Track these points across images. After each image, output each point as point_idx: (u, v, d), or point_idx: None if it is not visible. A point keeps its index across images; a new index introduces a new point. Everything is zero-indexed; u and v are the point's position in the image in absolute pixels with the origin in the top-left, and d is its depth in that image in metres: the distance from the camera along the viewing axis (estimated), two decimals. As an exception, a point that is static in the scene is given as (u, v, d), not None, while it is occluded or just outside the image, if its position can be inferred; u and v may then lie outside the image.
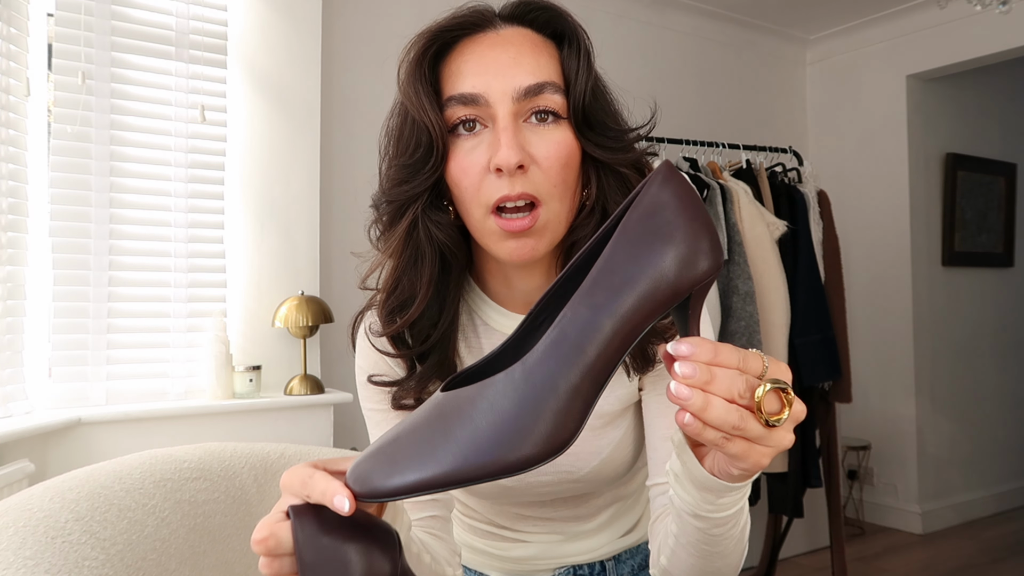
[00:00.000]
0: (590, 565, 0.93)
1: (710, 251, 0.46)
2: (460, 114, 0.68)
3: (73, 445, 1.79)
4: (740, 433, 0.47)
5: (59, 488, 0.99)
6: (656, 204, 0.46)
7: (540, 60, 0.69)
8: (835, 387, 2.74)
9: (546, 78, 0.69)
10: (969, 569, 3.08)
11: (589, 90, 0.70)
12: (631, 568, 0.95)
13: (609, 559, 0.94)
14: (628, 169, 0.72)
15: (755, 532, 3.15)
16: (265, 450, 1.38)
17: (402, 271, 0.72)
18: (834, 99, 3.83)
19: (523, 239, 0.68)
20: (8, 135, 1.76)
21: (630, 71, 3.23)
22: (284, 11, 2.23)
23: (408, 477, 0.44)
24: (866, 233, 3.70)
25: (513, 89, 0.67)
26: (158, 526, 1.08)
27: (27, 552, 0.84)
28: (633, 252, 0.45)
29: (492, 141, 0.67)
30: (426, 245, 0.71)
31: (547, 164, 0.67)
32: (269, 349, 2.16)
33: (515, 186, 0.66)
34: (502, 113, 0.67)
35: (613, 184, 0.71)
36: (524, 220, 0.67)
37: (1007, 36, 3.21)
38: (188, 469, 1.21)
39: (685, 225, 0.45)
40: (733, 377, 0.46)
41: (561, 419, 0.44)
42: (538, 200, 0.68)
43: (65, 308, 1.88)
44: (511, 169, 0.65)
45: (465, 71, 0.69)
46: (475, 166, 0.68)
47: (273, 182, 2.20)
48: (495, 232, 0.68)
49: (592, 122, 0.70)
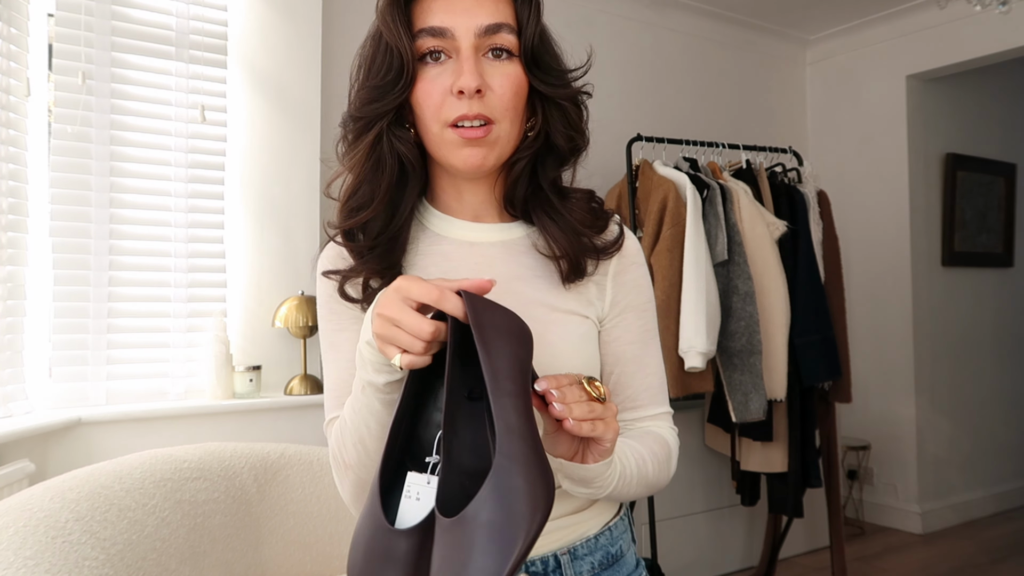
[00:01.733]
0: (543, 560, 0.87)
1: (522, 326, 0.69)
2: (429, 45, 0.81)
3: (73, 445, 1.79)
4: (594, 414, 0.67)
5: (59, 488, 0.99)
6: (481, 323, 0.64)
7: (498, 6, 0.82)
8: (835, 387, 2.74)
9: (503, 20, 0.82)
10: (969, 569, 3.08)
11: (537, 34, 0.84)
12: (590, 566, 0.89)
13: (564, 552, 0.87)
14: (567, 102, 0.86)
15: (755, 532, 3.16)
16: (265, 450, 1.38)
17: (364, 178, 0.84)
18: (834, 99, 3.84)
19: (476, 147, 0.81)
20: (8, 135, 1.76)
21: (630, 71, 3.24)
22: (284, 11, 2.23)
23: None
24: (866, 233, 3.70)
25: (476, 26, 0.80)
26: (158, 526, 1.08)
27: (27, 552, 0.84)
28: (496, 351, 0.64)
29: (455, 69, 0.80)
30: (388, 156, 0.83)
31: (500, 91, 0.81)
32: (269, 349, 2.16)
33: (472, 107, 0.79)
34: (465, 46, 0.80)
35: (555, 114, 0.86)
36: (478, 131, 0.80)
37: (1007, 36, 3.21)
38: (188, 469, 1.21)
39: (503, 320, 0.67)
40: (570, 385, 0.68)
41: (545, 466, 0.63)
42: (491, 119, 0.81)
43: (65, 308, 1.88)
44: (471, 92, 0.79)
45: (435, 9, 0.81)
46: (439, 88, 0.81)
47: (273, 182, 2.20)
48: (452, 141, 0.81)
49: (539, 62, 0.84)
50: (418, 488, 0.66)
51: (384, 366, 0.71)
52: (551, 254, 0.87)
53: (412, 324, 0.65)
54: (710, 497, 3.05)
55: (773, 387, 2.47)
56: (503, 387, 0.63)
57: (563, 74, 0.86)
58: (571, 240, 0.86)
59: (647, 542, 2.74)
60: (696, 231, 2.40)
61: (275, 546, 1.30)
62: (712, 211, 2.48)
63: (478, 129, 0.80)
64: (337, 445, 0.81)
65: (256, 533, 1.28)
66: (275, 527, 1.31)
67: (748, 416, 2.41)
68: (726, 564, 3.08)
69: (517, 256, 0.89)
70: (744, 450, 2.67)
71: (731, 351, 2.43)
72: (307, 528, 1.35)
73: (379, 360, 0.71)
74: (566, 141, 0.87)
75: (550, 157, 0.88)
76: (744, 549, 3.14)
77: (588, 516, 0.90)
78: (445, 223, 0.90)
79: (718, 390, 2.51)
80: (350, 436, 0.78)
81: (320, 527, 1.37)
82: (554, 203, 0.88)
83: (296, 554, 1.33)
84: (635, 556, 0.96)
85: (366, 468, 0.78)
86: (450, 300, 0.66)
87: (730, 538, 3.10)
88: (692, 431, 2.98)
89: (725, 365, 2.45)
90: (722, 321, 2.42)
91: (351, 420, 0.78)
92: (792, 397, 2.56)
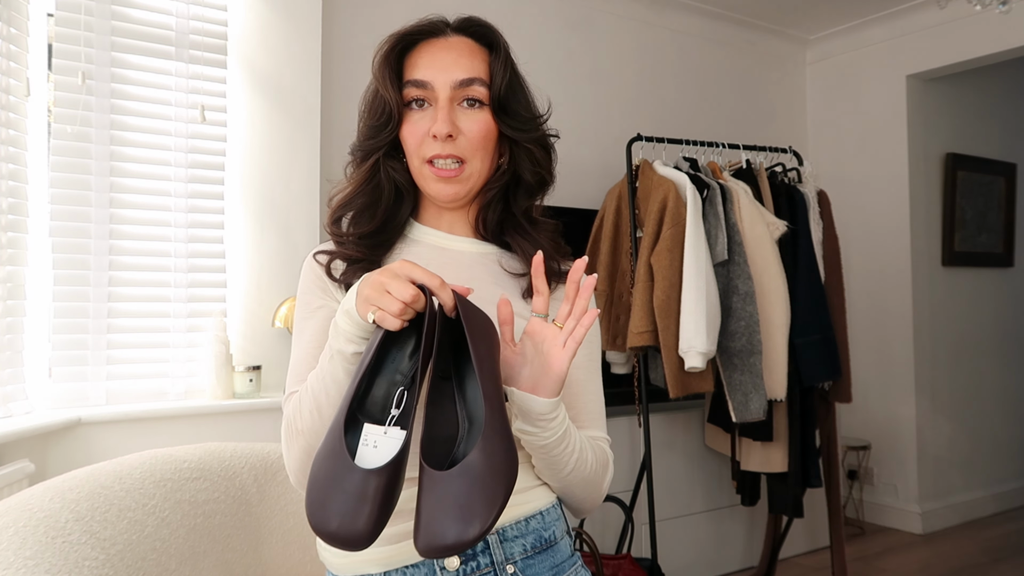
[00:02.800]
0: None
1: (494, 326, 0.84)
2: (414, 94, 0.97)
3: (73, 445, 1.79)
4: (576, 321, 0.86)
5: (59, 488, 0.99)
6: (469, 318, 0.79)
7: (474, 62, 0.97)
8: (835, 387, 2.74)
9: (476, 75, 0.97)
10: (969, 569, 3.08)
11: (506, 86, 0.98)
12: (522, 548, 0.91)
13: (492, 532, 0.90)
14: (532, 145, 1.01)
15: (755, 532, 3.16)
16: (265, 450, 1.38)
17: (363, 191, 1.01)
18: (834, 99, 3.84)
19: (449, 184, 0.97)
20: (8, 135, 1.76)
21: (630, 71, 3.24)
22: (284, 11, 2.23)
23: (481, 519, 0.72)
24: (866, 233, 3.70)
25: (451, 80, 0.96)
26: (158, 526, 1.08)
27: (27, 552, 0.84)
28: (481, 342, 0.79)
29: (433, 116, 0.96)
30: (385, 181, 1.01)
31: (471, 135, 0.96)
32: (269, 349, 2.16)
33: (445, 148, 0.95)
34: (442, 97, 0.96)
35: (522, 154, 1.01)
36: (451, 171, 0.96)
37: (1007, 36, 3.21)
38: (188, 469, 1.21)
39: (484, 319, 0.82)
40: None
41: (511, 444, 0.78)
42: (463, 159, 0.97)
43: (65, 308, 1.88)
44: (443, 136, 0.94)
45: (421, 64, 0.97)
46: (420, 131, 0.97)
47: (273, 182, 2.20)
48: (429, 176, 0.97)
49: (507, 109, 0.98)
50: (375, 437, 0.76)
51: (356, 336, 0.82)
52: (516, 272, 1.02)
53: (398, 288, 0.76)
54: (710, 497, 3.05)
55: (773, 387, 2.47)
56: (487, 372, 0.78)
57: (530, 120, 1.01)
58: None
59: (647, 542, 2.74)
60: (696, 231, 2.40)
61: (275, 546, 1.30)
62: (712, 211, 2.48)
63: (451, 170, 0.96)
64: (294, 414, 0.89)
65: (256, 533, 1.28)
66: (275, 527, 1.31)
67: (748, 416, 2.41)
68: (726, 564, 3.08)
69: (484, 264, 1.03)
70: (744, 450, 2.67)
71: (731, 351, 2.43)
72: (307, 528, 1.35)
73: (353, 331, 0.82)
74: (532, 176, 1.02)
75: (520, 189, 1.02)
76: (744, 549, 3.14)
77: (520, 500, 0.93)
78: (423, 232, 1.05)
79: (718, 390, 2.51)
80: (308, 404, 0.87)
81: (320, 527, 1.36)
82: (525, 227, 1.03)
83: (296, 554, 1.33)
84: (570, 547, 0.99)
85: (316, 435, 0.86)
86: (447, 291, 0.79)
87: (730, 538, 3.10)
88: (692, 431, 2.98)
89: (725, 365, 2.45)
90: (722, 321, 2.42)
91: (313, 387, 0.87)
92: (792, 397, 2.56)
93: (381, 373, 0.81)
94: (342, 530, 0.71)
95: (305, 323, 0.99)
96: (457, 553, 0.72)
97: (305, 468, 0.88)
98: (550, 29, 3.01)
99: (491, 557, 0.90)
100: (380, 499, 0.72)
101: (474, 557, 0.89)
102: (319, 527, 0.72)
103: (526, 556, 0.91)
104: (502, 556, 0.90)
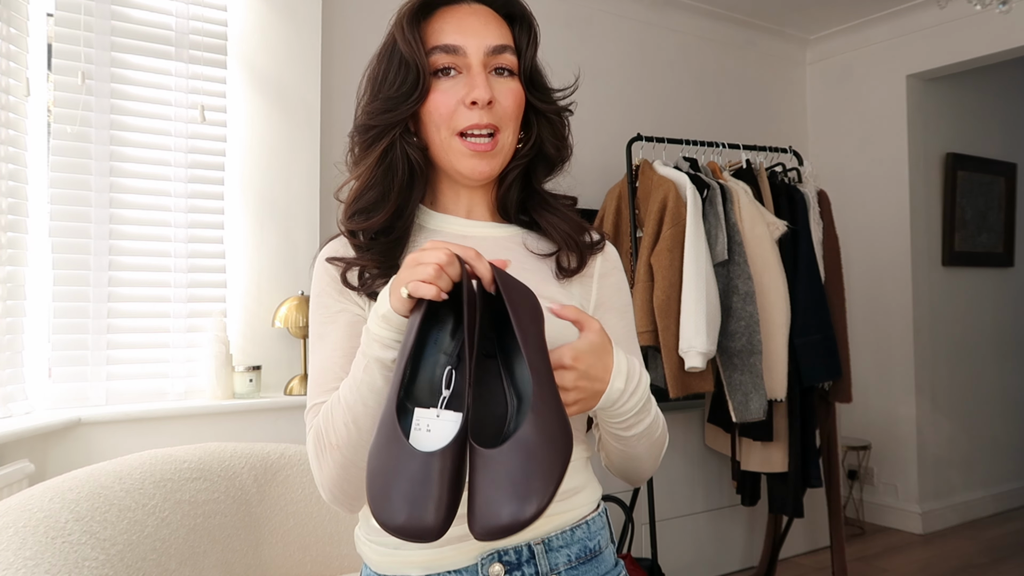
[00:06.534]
0: (516, 550, 0.85)
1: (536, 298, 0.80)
2: (443, 61, 0.90)
3: (73, 445, 1.79)
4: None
5: (59, 488, 0.99)
6: (509, 290, 0.76)
7: (501, 29, 0.93)
8: (835, 387, 2.74)
9: (507, 42, 0.92)
10: (969, 569, 3.08)
11: (533, 57, 0.95)
12: (567, 559, 0.88)
13: (538, 542, 0.86)
14: (555, 116, 0.98)
15: (755, 532, 3.16)
16: (265, 450, 1.38)
17: (373, 182, 0.92)
18: (834, 99, 3.84)
19: (482, 159, 0.91)
20: (8, 135, 1.76)
21: (630, 71, 3.24)
22: (284, 11, 2.23)
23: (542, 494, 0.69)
24: (866, 233, 3.70)
25: (485, 46, 0.90)
26: (158, 526, 1.08)
27: (27, 552, 0.84)
28: (523, 314, 0.76)
29: (467, 82, 0.89)
30: (400, 161, 0.92)
31: (506, 103, 0.91)
32: (269, 349, 2.16)
33: (484, 116, 0.89)
34: (475, 62, 0.90)
35: (546, 126, 0.97)
36: (486, 144, 0.90)
37: (1007, 36, 3.21)
38: (188, 469, 1.21)
39: (525, 291, 0.78)
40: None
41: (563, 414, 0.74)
42: (498, 129, 0.91)
43: (65, 308, 1.88)
44: (483, 103, 0.88)
45: (448, 29, 0.90)
46: (451, 100, 0.90)
47: (273, 182, 2.20)
48: (460, 151, 0.90)
49: (535, 81, 0.96)
50: (427, 421, 0.73)
51: (394, 341, 0.77)
52: (543, 252, 0.97)
53: (431, 254, 0.73)
54: (710, 497, 3.05)
55: (773, 387, 2.47)
56: (532, 343, 0.75)
57: (552, 92, 0.99)
58: (572, 228, 0.97)
59: (647, 542, 2.74)
60: (696, 231, 2.40)
61: (275, 546, 1.30)
62: (712, 211, 2.48)
63: (486, 143, 0.90)
64: (325, 427, 0.83)
65: (256, 533, 1.28)
66: (275, 527, 1.31)
67: (748, 416, 2.41)
68: (726, 564, 3.08)
69: (510, 248, 0.97)
70: (744, 450, 2.67)
71: (731, 351, 2.43)
72: (307, 528, 1.35)
73: (390, 335, 0.77)
74: (555, 150, 0.98)
75: (541, 165, 0.99)
76: (744, 549, 3.14)
77: (565, 508, 0.89)
78: (441, 220, 0.98)
79: (718, 390, 2.51)
80: (342, 415, 0.81)
81: (320, 527, 1.37)
82: (551, 203, 0.99)
83: (296, 554, 1.33)
84: (614, 556, 0.95)
85: (353, 448, 0.81)
86: (484, 262, 0.75)
87: (730, 538, 3.10)
88: (692, 431, 2.98)
89: (725, 365, 2.45)
90: (722, 321, 2.42)
91: (347, 399, 0.81)
92: (792, 397, 2.56)
93: (424, 356, 0.77)
94: (411, 522, 0.67)
95: (325, 328, 0.92)
96: (515, 533, 0.67)
97: (340, 483, 0.84)
98: (550, 29, 3.00)
99: (536, 567, 0.86)
100: (447, 483, 0.68)
101: (519, 566, 0.86)
102: (387, 520, 0.68)
103: (571, 567, 0.88)
104: (547, 567, 0.86)
